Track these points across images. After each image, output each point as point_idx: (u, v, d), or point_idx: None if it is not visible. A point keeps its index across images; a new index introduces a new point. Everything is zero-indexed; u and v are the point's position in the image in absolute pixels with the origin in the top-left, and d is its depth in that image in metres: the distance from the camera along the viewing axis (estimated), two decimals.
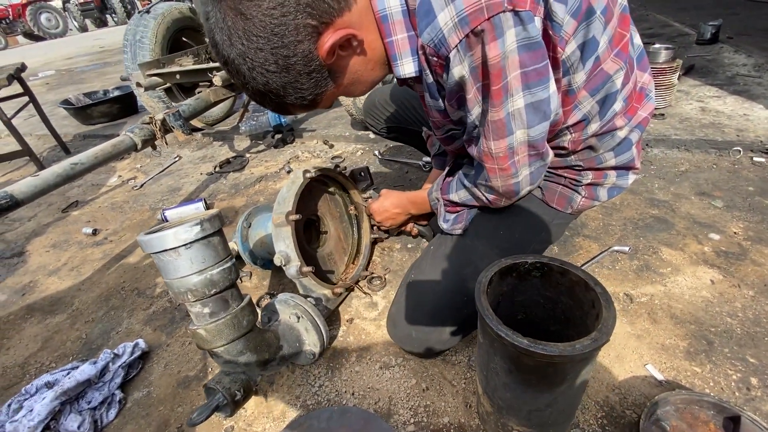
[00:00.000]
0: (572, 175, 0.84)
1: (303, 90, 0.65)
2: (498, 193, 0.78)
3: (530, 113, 0.64)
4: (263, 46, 0.58)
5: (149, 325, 1.19)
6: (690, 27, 3.28)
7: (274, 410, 0.90)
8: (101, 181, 2.28)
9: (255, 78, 0.62)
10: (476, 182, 0.81)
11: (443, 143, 0.91)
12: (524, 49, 0.58)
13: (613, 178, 0.85)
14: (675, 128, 1.72)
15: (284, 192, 1.02)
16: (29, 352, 1.17)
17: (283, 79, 0.62)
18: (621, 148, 0.79)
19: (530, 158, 0.71)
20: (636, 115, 0.78)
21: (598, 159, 0.80)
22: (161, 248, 0.68)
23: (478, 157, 0.74)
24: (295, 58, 0.60)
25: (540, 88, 0.62)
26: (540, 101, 0.63)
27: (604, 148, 0.79)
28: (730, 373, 0.84)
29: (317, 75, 0.64)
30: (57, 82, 5.79)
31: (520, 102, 0.62)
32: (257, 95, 0.66)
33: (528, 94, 0.62)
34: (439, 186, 0.94)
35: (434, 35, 0.59)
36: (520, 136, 0.66)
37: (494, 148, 0.69)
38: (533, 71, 0.60)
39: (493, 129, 0.66)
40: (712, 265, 1.10)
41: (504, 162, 0.70)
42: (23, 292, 1.44)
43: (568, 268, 0.65)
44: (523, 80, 0.60)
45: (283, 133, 2.31)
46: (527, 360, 0.56)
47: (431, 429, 0.81)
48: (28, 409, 0.89)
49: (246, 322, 0.77)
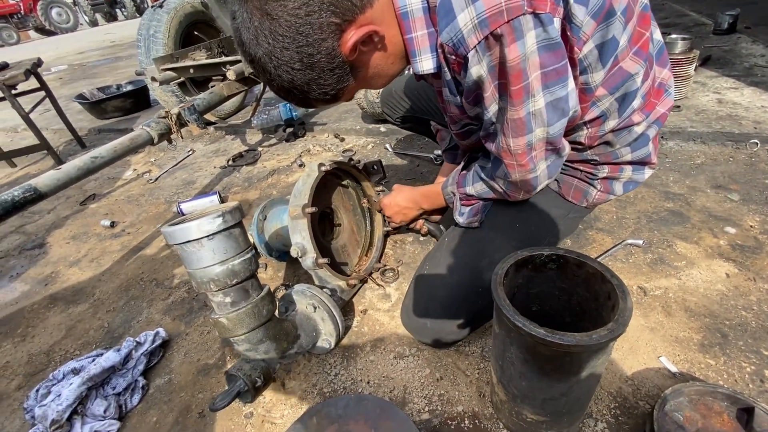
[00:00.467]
0: (588, 169, 0.85)
1: (326, 86, 0.66)
2: (517, 187, 0.79)
3: (550, 111, 0.65)
4: (289, 45, 0.59)
5: (168, 315, 1.22)
6: (707, 17, 3.20)
7: (292, 397, 0.92)
8: (117, 174, 2.32)
9: (280, 75, 0.63)
10: (494, 176, 0.81)
11: (459, 138, 0.91)
12: (544, 50, 0.58)
13: (629, 172, 0.85)
14: (691, 120, 1.69)
15: (300, 185, 1.03)
16: (54, 340, 1.21)
17: (307, 76, 0.63)
18: (638, 143, 0.79)
19: (547, 153, 0.71)
20: (654, 111, 0.78)
21: (614, 154, 0.80)
22: (185, 239, 0.71)
23: (497, 153, 0.74)
24: (319, 55, 0.61)
25: (559, 86, 0.62)
26: (559, 99, 0.64)
27: (620, 143, 0.79)
28: (744, 365, 0.84)
29: (340, 71, 0.65)
30: (70, 76, 5.86)
31: (540, 102, 0.63)
32: (282, 91, 0.68)
33: (548, 93, 0.62)
34: (454, 180, 0.94)
35: (453, 35, 0.60)
36: (540, 134, 0.67)
37: (513, 145, 0.70)
38: (553, 71, 0.60)
39: (512, 127, 0.67)
40: (728, 258, 1.09)
41: (522, 158, 0.71)
42: (46, 282, 1.48)
43: (584, 260, 0.66)
44: (543, 80, 0.61)
45: (294, 127, 2.32)
46: (543, 349, 0.57)
47: (445, 417, 0.83)
48: (56, 393, 0.93)
49: (266, 312, 0.79)
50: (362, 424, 0.77)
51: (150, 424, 0.92)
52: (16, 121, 3.59)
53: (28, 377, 1.09)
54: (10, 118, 3.79)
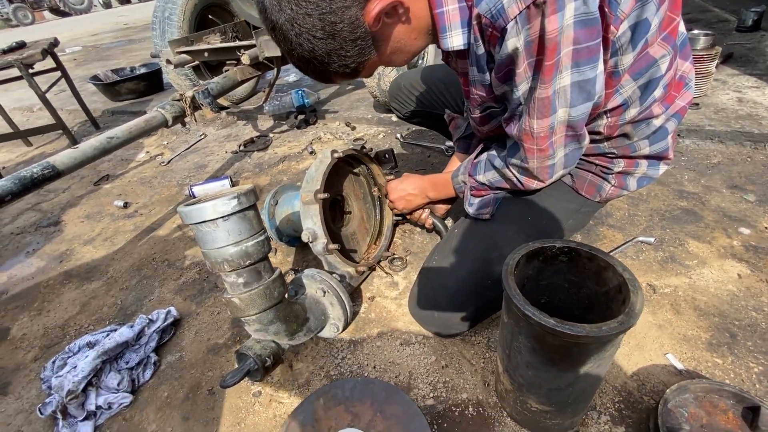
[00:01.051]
0: (604, 163, 0.84)
1: (347, 57, 0.65)
2: (532, 174, 0.79)
3: (575, 92, 0.63)
4: (312, 12, 0.58)
5: (179, 295, 1.25)
6: (730, 13, 3.12)
7: (299, 379, 0.94)
8: (130, 156, 2.35)
9: (301, 44, 0.62)
10: (509, 162, 0.81)
11: (479, 123, 0.89)
12: (580, 25, 0.57)
13: (644, 167, 0.84)
14: (710, 119, 1.66)
15: (312, 171, 1.04)
16: (68, 315, 1.25)
17: (328, 46, 0.62)
18: (656, 136, 0.78)
19: (566, 139, 0.71)
20: (673, 104, 0.77)
21: (632, 147, 0.79)
22: (200, 219, 0.72)
23: (517, 136, 0.74)
24: (341, 24, 0.60)
25: (589, 67, 0.61)
26: (586, 81, 0.62)
27: (638, 135, 0.78)
28: (752, 365, 0.84)
29: (362, 42, 0.64)
30: (84, 58, 5.90)
31: (566, 80, 0.62)
32: (302, 62, 0.67)
33: (576, 72, 0.61)
34: (466, 168, 0.94)
35: (492, 5, 0.58)
36: (562, 115, 0.66)
37: (536, 127, 0.69)
38: (585, 48, 0.59)
39: (538, 107, 0.66)
40: (740, 259, 1.08)
41: (543, 142, 0.70)
42: (61, 259, 1.52)
43: (596, 254, 0.66)
44: (574, 57, 0.60)
45: (305, 114, 2.32)
46: (552, 339, 0.57)
47: (450, 404, 0.84)
48: (72, 365, 0.96)
49: (277, 294, 0.81)
50: (368, 407, 0.79)
51: (161, 398, 0.94)
52: (32, 100, 3.64)
53: (44, 349, 1.13)
54: (26, 98, 3.84)
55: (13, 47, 2.45)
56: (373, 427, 0.75)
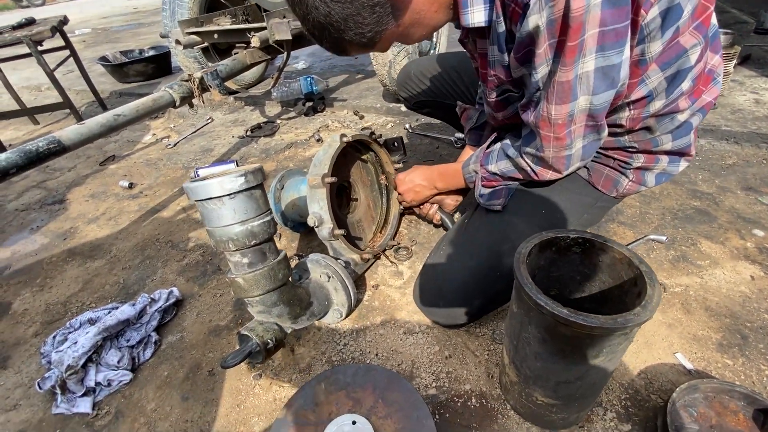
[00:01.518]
0: (623, 157, 0.81)
1: (364, 25, 0.62)
2: (547, 164, 0.76)
3: (598, 78, 0.61)
4: None
5: (182, 276, 1.24)
6: (749, 15, 3.05)
7: (301, 363, 0.93)
8: (137, 138, 2.34)
9: (317, 8, 0.59)
10: (524, 151, 0.78)
11: (495, 108, 0.86)
12: (608, 5, 0.54)
13: (664, 163, 0.81)
14: (726, 119, 1.63)
15: (321, 154, 1.02)
16: (71, 291, 1.24)
17: (345, 11, 0.59)
18: (680, 131, 0.76)
19: (586, 129, 0.68)
20: (700, 99, 0.74)
21: (654, 141, 0.77)
22: (206, 196, 0.70)
23: (534, 123, 0.71)
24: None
25: (615, 51, 0.58)
26: (611, 66, 0.59)
27: (661, 130, 0.76)
28: (764, 368, 0.82)
29: (380, 9, 0.61)
30: (93, 40, 5.89)
31: (590, 64, 0.59)
32: (316, 29, 0.64)
33: (600, 57, 0.58)
34: (478, 158, 0.92)
35: None
36: (583, 103, 0.64)
37: (554, 114, 0.66)
38: (612, 31, 0.56)
39: (558, 92, 0.63)
40: (754, 261, 1.06)
41: (561, 130, 0.68)
42: (65, 236, 1.51)
43: (611, 245, 0.64)
44: (600, 40, 0.57)
45: (314, 101, 2.30)
46: (564, 330, 0.56)
47: (452, 394, 0.83)
48: (73, 341, 0.95)
49: (281, 275, 0.79)
50: (369, 393, 0.77)
51: (161, 377, 0.94)
52: (40, 80, 3.63)
53: (45, 325, 1.12)
54: (35, 77, 3.83)
55: (23, 24, 2.43)
56: (374, 414, 0.74)
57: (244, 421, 0.83)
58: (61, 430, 0.86)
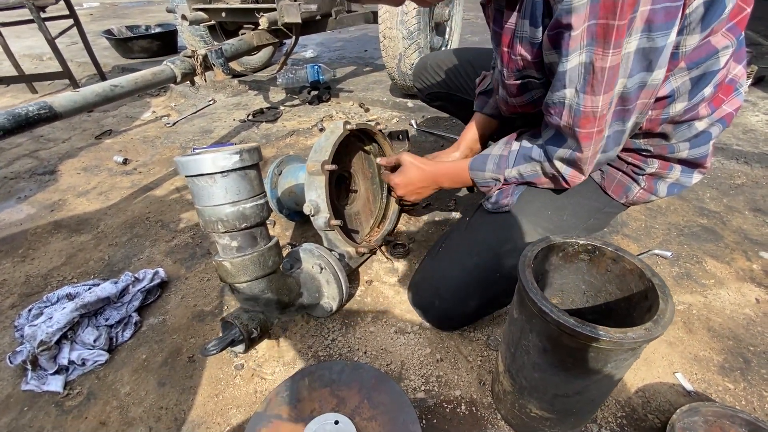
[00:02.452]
0: (636, 161, 0.77)
1: None
2: (581, 168, 0.70)
3: (637, 60, 0.56)
4: None
5: (170, 257, 1.20)
6: (764, 37, 3.03)
7: (285, 356, 0.89)
8: (135, 114, 2.28)
9: None
10: (555, 155, 0.72)
11: (512, 93, 0.79)
12: None
13: (677, 172, 0.78)
14: (737, 138, 1.60)
15: (322, 141, 0.98)
16: (53, 265, 1.19)
17: None
18: (698, 140, 0.72)
19: (615, 115, 0.63)
20: (720, 109, 0.70)
21: (671, 147, 0.73)
22: (198, 172, 0.66)
23: (570, 124, 0.64)
24: None
25: (661, 33, 0.53)
26: (654, 49, 0.55)
27: (678, 137, 0.72)
28: (766, 395, 0.79)
29: None
30: (101, 14, 5.80)
31: (633, 45, 0.54)
32: None
33: (645, 37, 0.54)
34: (497, 166, 0.83)
35: None
36: (618, 87, 0.59)
37: (601, 105, 0.60)
38: (664, 9, 0.51)
39: (607, 78, 0.57)
40: (760, 284, 1.03)
41: (602, 122, 0.62)
42: (52, 208, 1.46)
43: (622, 255, 0.60)
44: (650, 18, 0.52)
45: (319, 90, 2.26)
46: (568, 341, 0.52)
47: (441, 399, 0.80)
48: (48, 316, 0.91)
49: (271, 263, 0.75)
50: (355, 392, 0.74)
51: (138, 360, 0.90)
52: (42, 49, 3.56)
53: (23, 297, 1.08)
54: (37, 46, 3.77)
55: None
56: (358, 414, 0.70)
57: (221, 411, 0.79)
58: (29, 407, 0.81)
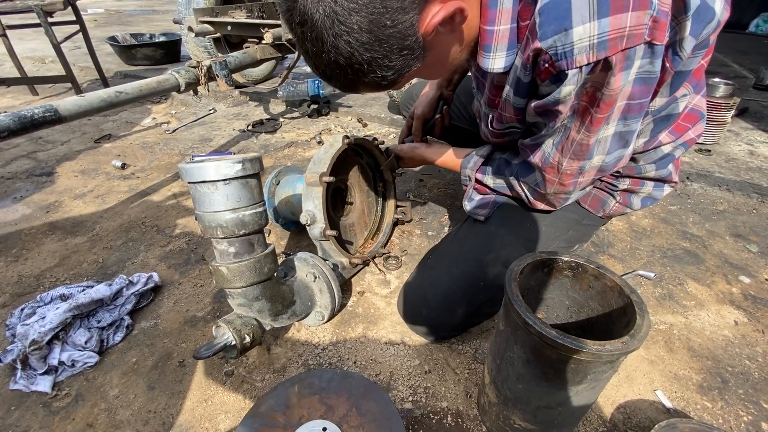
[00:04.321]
0: (609, 180, 0.83)
1: (388, 68, 0.54)
2: (544, 199, 0.77)
3: (615, 141, 0.62)
4: (361, 8, 0.47)
5: (164, 262, 1.21)
6: (748, 70, 3.16)
7: (276, 363, 0.90)
8: (136, 120, 2.31)
9: (338, 47, 0.51)
10: (522, 179, 0.79)
11: (494, 136, 0.85)
12: (640, 82, 0.54)
13: (649, 187, 0.83)
14: (720, 166, 1.66)
15: (321, 153, 1.01)
16: (46, 265, 1.20)
17: (372, 54, 0.52)
18: (663, 162, 0.78)
19: (590, 175, 0.70)
20: (684, 134, 0.75)
21: (637, 168, 0.79)
22: (200, 179, 0.69)
23: (539, 166, 0.71)
24: (393, 29, 0.50)
25: (635, 120, 0.59)
26: (629, 132, 0.61)
27: (645, 160, 0.78)
28: (742, 414, 0.81)
29: (408, 53, 0.54)
30: (105, 20, 5.88)
31: (611, 130, 0.60)
32: (330, 68, 0.55)
33: (621, 124, 0.60)
34: (476, 165, 0.90)
35: (560, 45, 0.51)
36: (596, 162, 0.65)
37: (565, 165, 0.67)
38: (638, 104, 0.57)
39: (575, 150, 0.64)
40: (738, 306, 1.06)
41: (568, 179, 0.69)
42: (48, 209, 1.47)
43: (603, 272, 0.63)
44: (624, 111, 0.58)
45: (319, 104, 2.30)
46: (550, 352, 0.54)
47: (428, 410, 0.81)
48: (41, 315, 0.91)
49: (267, 270, 0.77)
50: (344, 400, 0.75)
51: (129, 363, 0.90)
52: (45, 52, 3.60)
53: (15, 297, 1.08)
54: (40, 49, 3.80)
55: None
56: (346, 422, 0.71)
57: (210, 417, 0.80)
58: (16, 407, 0.81)
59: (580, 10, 0.49)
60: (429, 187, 1.63)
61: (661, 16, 0.49)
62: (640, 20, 0.48)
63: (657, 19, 0.49)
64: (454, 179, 1.67)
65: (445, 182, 1.65)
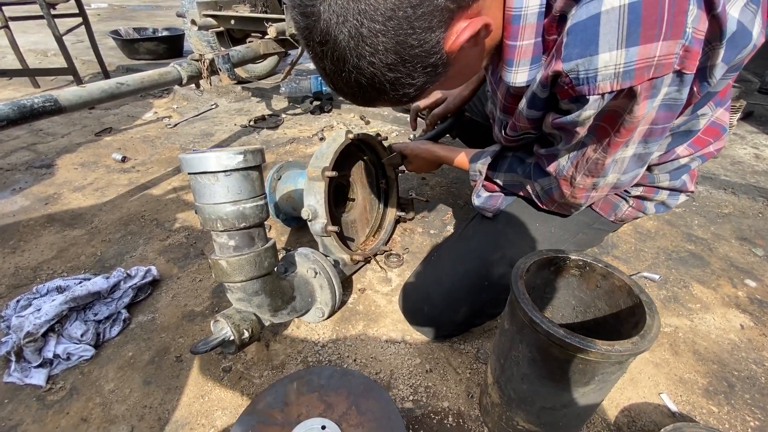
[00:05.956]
0: None
1: (410, 86, 0.53)
2: (555, 203, 0.76)
3: (632, 162, 0.61)
4: (388, 30, 0.45)
5: (163, 256, 1.19)
6: (753, 74, 3.14)
7: (274, 360, 0.89)
8: (137, 114, 2.30)
9: (360, 68, 0.49)
10: (536, 179, 0.77)
11: (507, 141, 0.82)
12: (665, 108, 0.52)
13: (663, 195, 0.81)
14: (726, 169, 1.65)
15: (324, 147, 1.00)
16: (43, 258, 1.18)
17: (395, 74, 0.50)
18: (677, 172, 0.76)
19: (604, 191, 0.69)
20: (705, 148, 0.73)
21: (651, 177, 0.77)
22: (201, 169, 0.67)
23: (554, 174, 0.69)
24: (419, 49, 0.48)
25: (655, 143, 0.58)
26: (647, 153, 0.60)
27: (659, 170, 0.76)
28: (749, 419, 0.80)
29: (431, 70, 0.52)
30: (108, 15, 5.86)
31: (630, 151, 0.59)
32: (350, 87, 0.53)
33: (641, 146, 0.58)
34: (486, 160, 0.88)
35: (583, 70, 0.49)
36: (611, 179, 0.64)
37: (579, 180, 0.66)
38: (660, 129, 0.55)
39: (590, 167, 0.63)
40: (744, 310, 1.05)
41: (580, 193, 0.68)
42: (46, 201, 1.46)
43: (612, 271, 0.62)
44: (646, 135, 0.56)
45: (321, 101, 2.29)
46: (558, 352, 0.53)
47: (429, 410, 0.79)
48: (37, 307, 0.90)
49: (267, 264, 0.76)
50: (343, 398, 0.73)
51: (125, 357, 0.89)
52: (48, 45, 3.58)
53: (11, 288, 1.06)
54: (42, 42, 3.78)
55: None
56: (345, 421, 0.70)
57: (206, 413, 0.78)
58: (9, 400, 0.80)
59: (607, 36, 0.46)
60: (432, 185, 1.61)
61: (694, 44, 0.46)
62: (671, 50, 0.46)
63: (689, 48, 0.46)
64: (457, 178, 1.65)
65: (448, 181, 1.64)
